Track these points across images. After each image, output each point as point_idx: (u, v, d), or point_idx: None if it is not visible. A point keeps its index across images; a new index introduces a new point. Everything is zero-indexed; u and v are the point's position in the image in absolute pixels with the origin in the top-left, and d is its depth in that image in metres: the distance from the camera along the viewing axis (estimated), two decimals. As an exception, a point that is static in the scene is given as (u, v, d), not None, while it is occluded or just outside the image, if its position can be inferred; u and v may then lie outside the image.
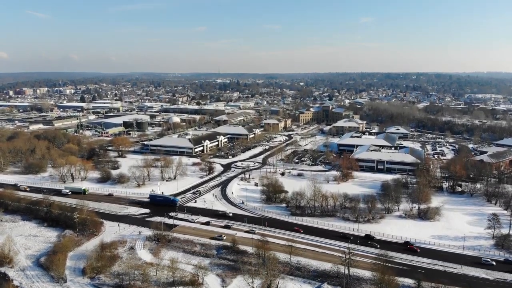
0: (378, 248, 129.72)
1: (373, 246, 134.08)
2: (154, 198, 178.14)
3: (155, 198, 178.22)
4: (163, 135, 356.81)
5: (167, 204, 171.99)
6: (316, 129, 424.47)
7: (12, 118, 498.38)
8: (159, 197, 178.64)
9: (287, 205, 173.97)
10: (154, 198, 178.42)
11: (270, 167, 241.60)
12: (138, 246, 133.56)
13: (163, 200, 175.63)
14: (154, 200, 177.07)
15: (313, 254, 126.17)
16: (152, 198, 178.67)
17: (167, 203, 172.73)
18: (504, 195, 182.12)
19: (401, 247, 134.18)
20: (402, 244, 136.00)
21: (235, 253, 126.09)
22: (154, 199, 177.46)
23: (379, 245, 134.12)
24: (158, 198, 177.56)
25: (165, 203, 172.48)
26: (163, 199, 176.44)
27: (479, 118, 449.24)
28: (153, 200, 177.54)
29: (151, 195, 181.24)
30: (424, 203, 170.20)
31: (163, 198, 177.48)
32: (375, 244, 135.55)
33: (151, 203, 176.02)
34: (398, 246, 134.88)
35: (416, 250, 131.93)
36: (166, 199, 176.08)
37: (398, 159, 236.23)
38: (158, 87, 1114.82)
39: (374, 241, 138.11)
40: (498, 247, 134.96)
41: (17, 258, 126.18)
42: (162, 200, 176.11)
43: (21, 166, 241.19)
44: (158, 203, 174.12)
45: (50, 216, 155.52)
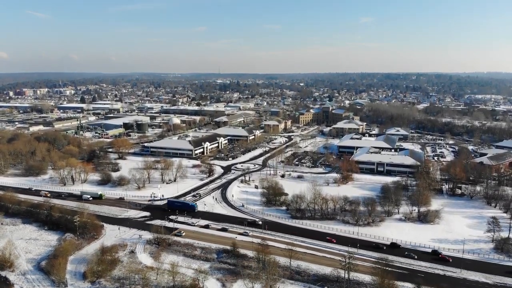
0: (415, 259, 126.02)
1: (409, 256, 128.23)
2: (172, 203, 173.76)
3: (173, 203, 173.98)
4: (163, 136, 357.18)
5: (186, 209, 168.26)
6: (316, 131, 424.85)
7: (12, 119, 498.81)
8: (178, 202, 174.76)
9: (287, 208, 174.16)
10: (172, 203, 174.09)
11: (270, 169, 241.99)
12: (139, 249, 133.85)
13: (182, 205, 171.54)
14: (172, 205, 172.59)
15: (313, 258, 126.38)
16: (170, 203, 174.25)
17: (186, 208, 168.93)
18: (503, 197, 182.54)
19: (430, 256, 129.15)
20: (430, 253, 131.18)
21: (235, 257, 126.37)
22: (172, 204, 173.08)
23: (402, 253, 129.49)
24: (176, 203, 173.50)
25: (184, 208, 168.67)
26: (181, 204, 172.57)
27: (479, 119, 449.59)
28: (171, 205, 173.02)
29: (169, 200, 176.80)
30: (424, 206, 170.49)
31: (182, 203, 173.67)
32: (412, 255, 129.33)
33: (169, 208, 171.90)
34: (426, 255, 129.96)
35: (448, 260, 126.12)
36: (184, 204, 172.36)
37: (398, 161, 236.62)
38: (158, 87, 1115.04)
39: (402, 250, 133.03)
40: (497, 251, 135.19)
41: (18, 262, 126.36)
42: (181, 205, 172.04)
43: (22, 168, 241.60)
44: (176, 208, 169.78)
45: (51, 220, 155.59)
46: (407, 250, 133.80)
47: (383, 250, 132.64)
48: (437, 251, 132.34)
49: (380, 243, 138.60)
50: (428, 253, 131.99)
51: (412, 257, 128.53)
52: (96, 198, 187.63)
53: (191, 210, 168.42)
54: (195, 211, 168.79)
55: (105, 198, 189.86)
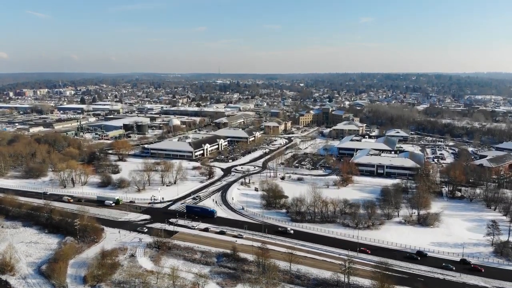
0: (453, 270, 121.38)
1: (447, 268, 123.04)
2: (191, 209, 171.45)
3: (192, 208, 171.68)
4: (163, 138, 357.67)
5: (205, 215, 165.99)
6: (316, 132, 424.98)
7: (12, 120, 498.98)
8: (197, 208, 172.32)
9: (287, 211, 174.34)
10: (191, 208, 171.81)
11: (270, 171, 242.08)
12: (139, 253, 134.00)
13: (201, 211, 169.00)
14: (191, 211, 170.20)
15: (313, 262, 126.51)
16: (189, 209, 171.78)
17: (205, 214, 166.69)
18: (503, 200, 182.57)
19: (460, 265, 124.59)
20: (459, 262, 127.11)
21: (235, 261, 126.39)
22: (191, 210, 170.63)
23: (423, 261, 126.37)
24: (195, 209, 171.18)
25: (203, 214, 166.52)
26: (200, 210, 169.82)
27: (479, 120, 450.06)
28: (190, 211, 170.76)
29: (188, 206, 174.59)
30: (424, 209, 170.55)
31: (201, 209, 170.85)
32: (450, 266, 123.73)
33: (187, 213, 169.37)
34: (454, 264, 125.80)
35: (480, 270, 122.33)
36: (203, 210, 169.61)
37: (398, 164, 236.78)
38: (158, 88, 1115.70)
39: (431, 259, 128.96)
40: (497, 254, 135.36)
41: (18, 265, 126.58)
42: (200, 211, 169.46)
43: (22, 171, 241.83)
44: (195, 214, 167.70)
45: (51, 223, 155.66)
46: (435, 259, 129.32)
47: (417, 261, 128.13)
48: (465, 260, 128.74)
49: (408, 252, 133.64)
50: (457, 262, 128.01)
51: (450, 268, 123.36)
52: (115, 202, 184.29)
53: (210, 215, 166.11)
54: (214, 216, 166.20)
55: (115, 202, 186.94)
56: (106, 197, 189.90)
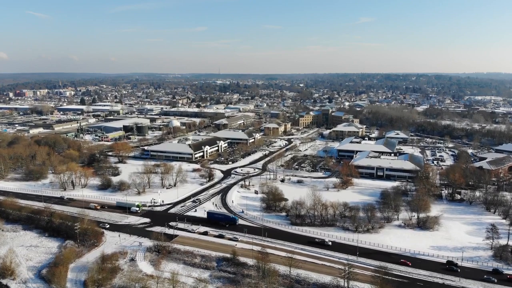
0: (494, 283, 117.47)
1: (488, 281, 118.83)
2: (212, 215, 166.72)
3: (213, 215, 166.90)
4: (163, 139, 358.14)
5: (227, 222, 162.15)
6: (316, 133, 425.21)
7: (12, 121, 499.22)
8: (218, 215, 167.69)
9: (287, 214, 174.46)
10: (212, 215, 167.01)
11: (270, 174, 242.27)
12: (139, 257, 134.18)
13: (223, 218, 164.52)
14: (213, 217, 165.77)
15: (313, 266, 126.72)
16: (210, 215, 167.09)
17: (227, 221, 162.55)
18: (503, 203, 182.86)
19: (492, 276, 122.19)
20: (492, 272, 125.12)
21: (235, 265, 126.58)
22: (212, 216, 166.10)
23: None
24: (217, 216, 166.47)
25: (225, 221, 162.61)
26: (222, 217, 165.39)
27: (478, 122, 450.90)
28: (211, 217, 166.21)
29: (209, 212, 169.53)
30: (424, 212, 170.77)
31: (223, 216, 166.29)
32: (492, 279, 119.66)
33: (208, 220, 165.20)
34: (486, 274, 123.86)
35: None
36: (225, 217, 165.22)
37: (398, 166, 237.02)
38: (158, 88, 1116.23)
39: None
40: (496, 258, 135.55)
41: (19, 270, 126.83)
42: (222, 217, 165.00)
43: (22, 173, 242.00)
44: (216, 220, 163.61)
45: (51, 226, 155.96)
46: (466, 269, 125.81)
47: (458, 273, 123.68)
48: (498, 269, 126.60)
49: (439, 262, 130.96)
50: (489, 272, 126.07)
51: (492, 281, 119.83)
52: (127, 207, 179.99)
53: (232, 222, 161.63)
54: (236, 223, 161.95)
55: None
56: (126, 203, 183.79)
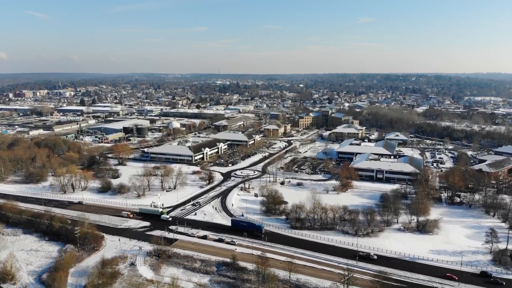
0: None
1: None
2: (237, 223, 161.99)
3: (238, 223, 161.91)
4: (163, 141, 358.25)
5: (252, 230, 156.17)
6: (316, 135, 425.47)
7: (12, 122, 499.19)
8: (243, 223, 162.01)
9: (287, 217, 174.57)
10: (237, 223, 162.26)
11: (270, 176, 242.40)
12: (139, 262, 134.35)
13: (247, 226, 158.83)
14: (237, 225, 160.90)
15: (313, 271, 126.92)
16: (234, 223, 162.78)
17: (252, 229, 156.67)
18: (502, 206, 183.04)
19: None
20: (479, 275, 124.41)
21: (235, 270, 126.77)
22: (237, 224, 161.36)
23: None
24: (241, 224, 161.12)
25: (249, 229, 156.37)
26: (247, 225, 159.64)
27: (478, 123, 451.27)
28: (235, 225, 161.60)
29: (233, 220, 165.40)
30: (423, 215, 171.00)
31: (247, 224, 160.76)
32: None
33: (232, 228, 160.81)
34: None
35: None
36: (250, 225, 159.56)
37: (397, 169, 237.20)
38: (158, 89, 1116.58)
39: None
40: (495, 263, 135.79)
41: (19, 274, 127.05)
42: (246, 225, 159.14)
43: (22, 175, 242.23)
44: (241, 228, 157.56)
45: (51, 230, 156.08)
46: None
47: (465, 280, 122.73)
48: (487, 272, 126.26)
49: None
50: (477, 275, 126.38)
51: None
52: (155, 215, 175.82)
53: (257, 231, 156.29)
54: (262, 232, 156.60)
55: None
56: (150, 209, 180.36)
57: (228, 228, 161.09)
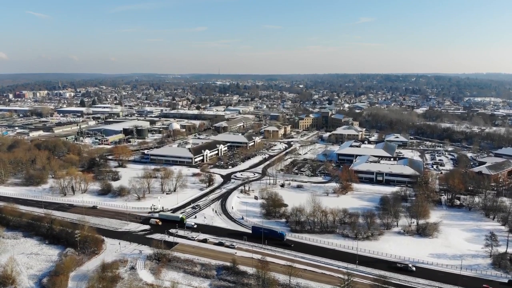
0: None
1: None
2: (257, 230, 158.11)
3: (258, 230, 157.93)
4: (163, 142, 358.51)
5: (273, 237, 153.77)
6: (316, 136, 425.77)
7: (12, 124, 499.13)
8: (264, 229, 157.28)
9: (287, 220, 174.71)
10: (257, 230, 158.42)
11: (270, 178, 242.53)
12: (139, 265, 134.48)
13: (269, 233, 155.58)
14: (258, 232, 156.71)
15: (313, 275, 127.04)
16: (255, 230, 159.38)
17: (274, 236, 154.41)
18: (502, 209, 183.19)
19: None
20: None
21: (235, 274, 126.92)
22: (257, 231, 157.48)
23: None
24: (262, 230, 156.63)
25: (271, 237, 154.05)
26: (268, 232, 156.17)
27: (478, 124, 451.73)
28: (256, 232, 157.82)
29: (254, 227, 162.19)
30: (423, 218, 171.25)
31: (269, 231, 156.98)
32: None
33: (253, 235, 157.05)
34: None
35: None
36: (272, 232, 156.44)
37: (397, 171, 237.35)
38: (158, 89, 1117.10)
39: None
40: (495, 267, 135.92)
41: (20, 278, 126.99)
42: (268, 232, 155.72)
43: (22, 178, 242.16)
44: (261, 235, 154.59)
45: (52, 233, 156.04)
46: None
47: None
48: None
49: None
50: None
51: None
52: (175, 221, 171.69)
53: (279, 238, 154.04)
54: (284, 239, 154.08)
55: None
56: (169, 215, 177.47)
57: (249, 235, 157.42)
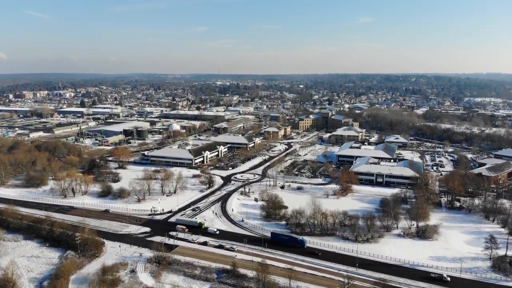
0: None
1: None
2: (277, 237, 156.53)
3: (278, 236, 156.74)
4: (163, 143, 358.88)
5: (293, 244, 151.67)
6: (316, 137, 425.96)
7: (12, 124, 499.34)
8: (284, 236, 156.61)
9: (287, 223, 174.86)
10: (277, 236, 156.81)
11: (270, 180, 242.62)
12: (139, 268, 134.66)
13: (288, 240, 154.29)
14: (277, 238, 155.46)
15: (313, 278, 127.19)
16: (274, 237, 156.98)
17: (294, 243, 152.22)
18: (501, 211, 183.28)
19: None
20: None
21: (235, 277, 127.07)
22: (276, 238, 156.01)
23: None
24: (281, 237, 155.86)
25: (290, 244, 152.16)
26: (287, 239, 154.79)
27: (478, 125, 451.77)
28: (275, 238, 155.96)
29: (274, 233, 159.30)
30: (423, 220, 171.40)
31: (288, 238, 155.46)
32: None
33: (272, 241, 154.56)
34: None
35: None
36: (291, 239, 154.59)
37: (397, 173, 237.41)
38: (158, 90, 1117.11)
39: None
40: (495, 270, 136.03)
41: (20, 281, 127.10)
42: (287, 239, 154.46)
43: (22, 179, 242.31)
44: (281, 242, 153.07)
45: (52, 236, 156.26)
46: None
47: None
48: None
49: None
50: None
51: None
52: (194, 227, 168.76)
53: (299, 245, 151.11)
54: (304, 247, 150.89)
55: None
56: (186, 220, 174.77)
57: (269, 241, 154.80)
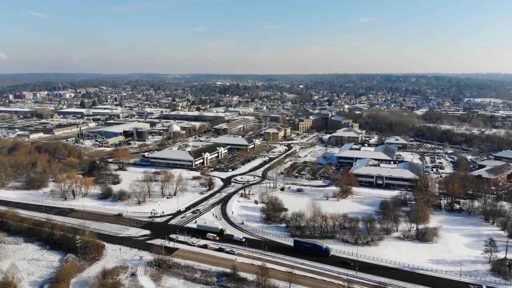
0: None
1: None
2: (300, 244, 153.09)
3: (301, 244, 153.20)
4: (163, 145, 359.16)
5: (316, 252, 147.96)
6: (316, 138, 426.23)
7: (12, 125, 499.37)
8: (307, 244, 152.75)
9: (287, 225, 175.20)
10: (300, 244, 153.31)
11: (270, 182, 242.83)
12: (140, 272, 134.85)
13: (312, 248, 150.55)
14: (300, 246, 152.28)
15: (313, 282, 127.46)
16: (297, 244, 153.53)
17: (317, 251, 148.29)
18: (501, 214, 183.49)
19: None
20: None
21: (235, 281, 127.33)
22: (300, 245, 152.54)
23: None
24: (305, 245, 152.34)
25: (314, 252, 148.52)
26: (311, 246, 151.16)
27: (478, 126, 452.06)
28: (298, 246, 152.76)
29: (296, 240, 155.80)
30: (422, 223, 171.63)
31: (312, 245, 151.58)
32: None
33: (295, 249, 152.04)
34: None
35: None
36: (315, 247, 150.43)
37: (397, 175, 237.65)
38: (158, 90, 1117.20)
39: None
40: (494, 273, 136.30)
41: (21, 285, 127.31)
42: (311, 247, 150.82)
43: (22, 181, 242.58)
44: (304, 250, 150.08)
45: (53, 239, 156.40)
46: None
47: None
48: None
49: None
50: None
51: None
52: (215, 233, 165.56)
53: (323, 253, 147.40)
54: (329, 254, 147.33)
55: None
56: (207, 226, 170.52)
57: (291, 249, 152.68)
